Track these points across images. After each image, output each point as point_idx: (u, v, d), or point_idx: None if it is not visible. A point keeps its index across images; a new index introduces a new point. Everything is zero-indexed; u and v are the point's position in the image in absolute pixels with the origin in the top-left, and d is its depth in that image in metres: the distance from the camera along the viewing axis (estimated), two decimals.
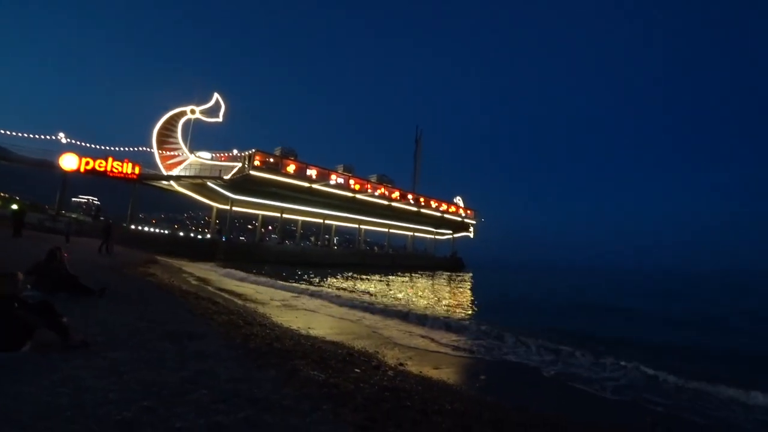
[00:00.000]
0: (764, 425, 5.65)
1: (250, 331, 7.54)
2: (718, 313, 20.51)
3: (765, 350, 11.45)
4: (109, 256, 19.20)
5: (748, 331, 13.73)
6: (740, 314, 18.16)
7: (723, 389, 6.68)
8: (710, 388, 6.77)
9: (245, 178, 38.96)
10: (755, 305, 26.04)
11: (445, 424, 4.27)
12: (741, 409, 6.16)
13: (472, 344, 9.46)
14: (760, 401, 6.26)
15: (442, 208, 63.68)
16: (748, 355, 10.71)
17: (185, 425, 3.27)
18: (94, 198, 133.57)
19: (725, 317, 18.59)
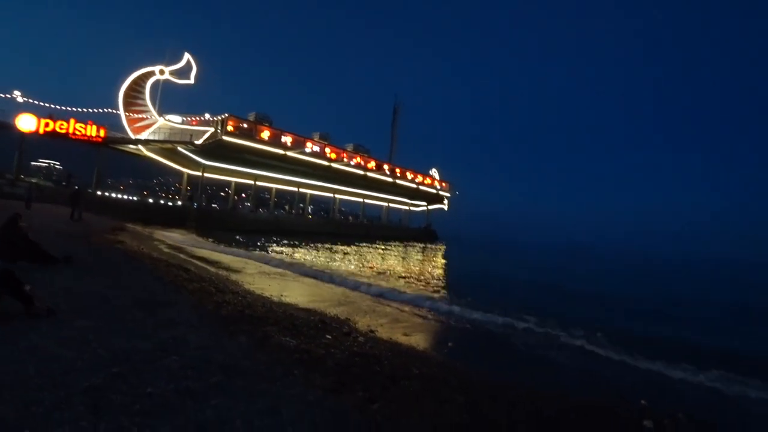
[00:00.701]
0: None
1: (222, 299, 7.54)
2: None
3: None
4: (78, 224, 18.59)
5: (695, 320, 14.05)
6: (700, 304, 18.04)
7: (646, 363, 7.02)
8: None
9: (218, 144, 37.78)
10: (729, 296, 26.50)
11: (413, 388, 4.45)
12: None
13: (441, 314, 9.76)
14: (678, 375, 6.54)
15: (418, 179, 63.84)
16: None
17: (156, 391, 3.30)
18: (56, 162, 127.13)
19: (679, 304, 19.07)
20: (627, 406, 4.91)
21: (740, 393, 6.03)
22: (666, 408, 4.83)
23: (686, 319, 13.12)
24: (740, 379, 6.23)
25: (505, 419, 3.97)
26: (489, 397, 4.57)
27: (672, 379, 6.20)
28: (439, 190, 70.74)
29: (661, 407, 4.83)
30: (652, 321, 11.42)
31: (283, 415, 3.26)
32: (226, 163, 41.64)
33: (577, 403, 4.77)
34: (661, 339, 8.64)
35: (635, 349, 7.29)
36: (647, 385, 5.93)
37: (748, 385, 6.11)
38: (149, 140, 39.78)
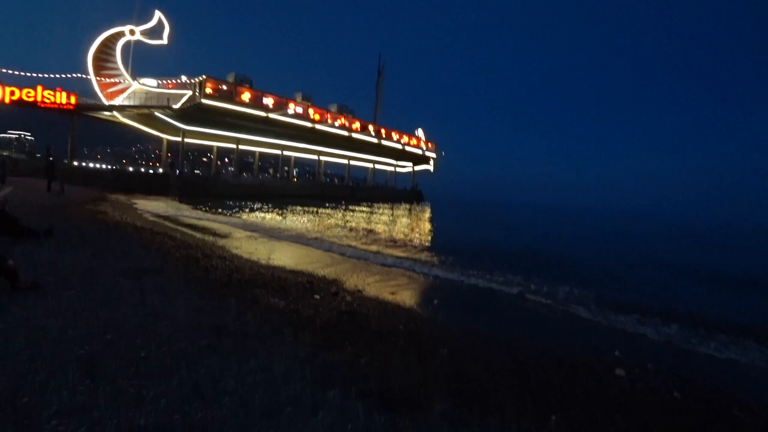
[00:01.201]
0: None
1: (210, 264, 7.60)
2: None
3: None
4: (58, 196, 18.20)
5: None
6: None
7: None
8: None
9: (196, 108, 36.60)
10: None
11: (398, 344, 4.65)
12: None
13: (427, 274, 9.98)
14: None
15: (404, 140, 63.25)
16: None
17: (150, 355, 3.40)
18: (26, 133, 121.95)
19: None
20: (601, 356, 5.19)
21: (704, 346, 6.42)
22: (637, 358, 5.11)
23: (664, 280, 13.66)
24: (705, 334, 6.60)
25: (485, 369, 4.19)
26: (471, 349, 4.79)
27: (644, 335, 6.49)
28: (425, 151, 70.33)
29: (633, 358, 5.12)
30: (634, 282, 11.78)
31: (274, 372, 3.40)
32: (206, 127, 40.52)
33: (554, 354, 5.03)
34: (638, 299, 8.94)
35: (613, 308, 7.61)
36: (621, 339, 6.22)
37: (714, 339, 6.49)
38: (124, 106, 38.26)
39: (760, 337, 6.44)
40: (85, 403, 2.61)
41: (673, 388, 4.14)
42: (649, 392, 4.04)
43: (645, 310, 7.65)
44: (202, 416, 2.62)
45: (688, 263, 16.97)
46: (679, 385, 4.26)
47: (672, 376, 4.52)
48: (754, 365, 5.48)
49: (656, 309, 7.79)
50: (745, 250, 28.73)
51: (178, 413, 2.62)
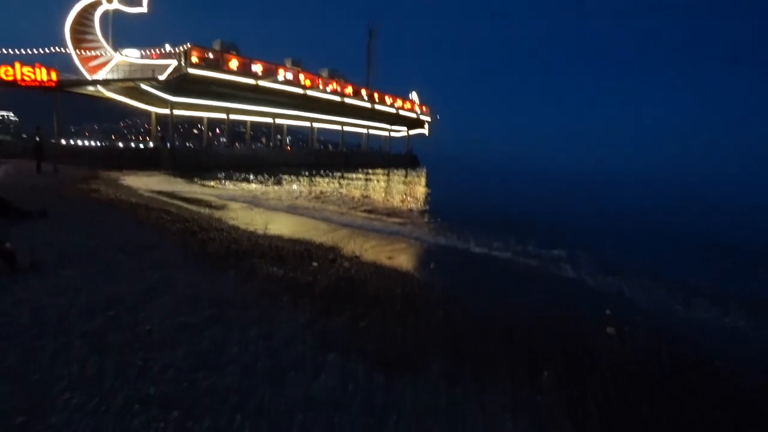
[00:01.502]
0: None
1: (207, 237, 7.66)
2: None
3: None
4: (50, 176, 18.02)
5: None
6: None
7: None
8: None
9: (183, 78, 35.61)
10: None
11: (396, 307, 4.77)
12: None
13: (424, 240, 10.06)
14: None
15: (397, 104, 62.17)
16: None
17: (153, 328, 3.50)
18: (9, 113, 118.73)
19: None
20: (594, 315, 5.33)
21: (694, 308, 6.60)
22: (628, 318, 5.24)
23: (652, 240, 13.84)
24: (694, 297, 6.78)
25: (480, 329, 4.33)
26: (466, 311, 4.93)
27: (635, 296, 6.61)
28: (420, 115, 69.32)
29: (624, 318, 5.24)
30: (628, 246, 11.89)
31: (276, 339, 3.52)
32: (194, 98, 39.57)
33: (547, 314, 5.18)
34: (632, 262, 9.05)
35: (606, 271, 7.73)
36: (613, 300, 6.31)
37: (703, 303, 6.66)
38: (108, 80, 37.10)
39: (745, 301, 6.54)
40: (95, 376, 2.71)
41: (661, 347, 4.30)
42: (638, 350, 4.20)
43: (637, 273, 7.79)
44: (209, 384, 2.74)
45: (686, 228, 17.15)
46: (668, 343, 4.41)
47: (661, 336, 4.66)
48: (739, 327, 5.63)
49: (648, 271, 7.93)
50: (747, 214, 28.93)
51: (185, 382, 2.74)
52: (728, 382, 3.78)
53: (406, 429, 2.50)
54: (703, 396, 3.43)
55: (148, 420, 2.32)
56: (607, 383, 3.38)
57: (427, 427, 2.54)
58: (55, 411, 2.33)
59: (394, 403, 2.75)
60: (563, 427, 2.72)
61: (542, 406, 2.94)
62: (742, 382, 3.82)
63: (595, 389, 3.23)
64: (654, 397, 3.27)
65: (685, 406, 3.18)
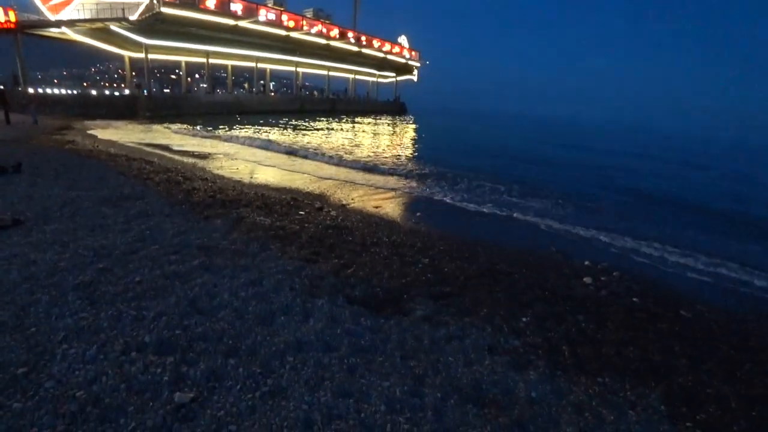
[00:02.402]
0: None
1: (192, 186, 7.58)
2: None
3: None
4: (35, 126, 17.30)
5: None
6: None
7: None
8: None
9: (156, 18, 33.31)
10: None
11: (382, 254, 4.88)
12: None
13: (411, 189, 10.09)
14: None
15: (385, 48, 59.61)
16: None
17: (144, 278, 3.55)
18: None
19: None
20: (571, 264, 5.51)
21: (669, 259, 6.87)
22: (604, 267, 5.42)
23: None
24: (670, 249, 7.04)
25: (464, 275, 4.49)
26: (450, 257, 5.07)
27: (612, 246, 6.83)
28: (409, 60, 66.83)
29: (600, 267, 5.42)
30: (610, 199, 11.99)
31: (265, 285, 3.62)
32: (170, 41, 37.37)
33: (527, 262, 5.35)
34: (611, 215, 9.20)
35: (585, 223, 7.90)
36: (590, 250, 6.54)
37: (679, 255, 6.95)
38: (74, 20, 34.43)
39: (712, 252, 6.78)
40: (90, 326, 2.79)
41: (633, 295, 4.51)
42: (612, 297, 4.40)
43: (616, 225, 7.98)
44: (203, 329, 2.85)
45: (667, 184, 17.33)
46: (639, 292, 4.63)
47: (633, 284, 4.87)
48: (706, 273, 5.89)
49: (626, 224, 8.13)
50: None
51: (179, 328, 2.84)
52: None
53: (391, 368, 2.66)
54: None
55: (145, 366, 2.43)
56: (580, 328, 3.60)
57: (411, 366, 2.71)
58: (55, 361, 2.42)
59: (380, 345, 2.90)
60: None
61: (520, 351, 3.12)
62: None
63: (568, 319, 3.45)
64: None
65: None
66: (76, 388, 2.21)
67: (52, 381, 2.25)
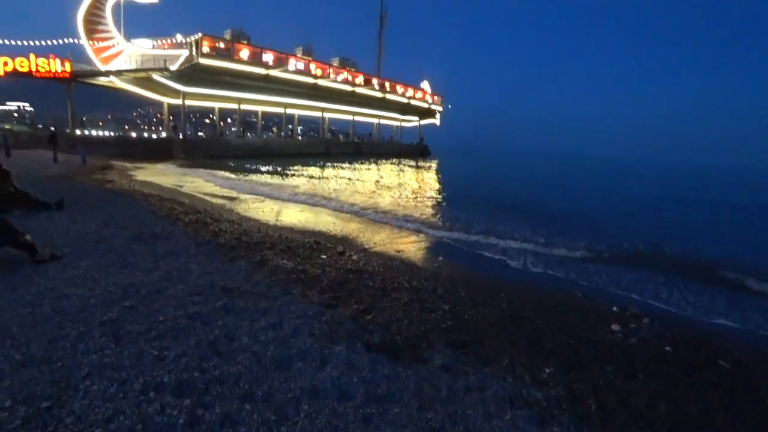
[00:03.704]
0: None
1: (219, 228, 7.80)
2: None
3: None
4: (64, 165, 18.41)
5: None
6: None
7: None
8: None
9: (194, 68, 35.74)
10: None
11: (402, 299, 4.85)
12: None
13: (433, 233, 10.08)
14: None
15: (408, 93, 61.66)
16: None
17: (167, 318, 3.64)
18: (25, 104, 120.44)
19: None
20: (598, 309, 5.35)
21: (701, 301, 6.61)
22: (633, 313, 5.25)
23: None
24: (702, 289, 6.81)
25: (485, 322, 4.40)
26: (471, 303, 4.99)
27: (643, 290, 6.65)
28: (431, 104, 68.72)
29: (629, 312, 5.25)
30: (635, 236, 11.81)
31: (284, 329, 3.64)
32: (206, 88, 39.74)
33: (551, 306, 5.22)
34: (639, 253, 9.03)
35: (613, 263, 7.77)
36: (619, 294, 6.39)
37: (711, 294, 6.71)
38: (121, 70, 37.41)
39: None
40: (113, 364, 2.86)
41: (665, 343, 4.32)
42: (642, 345, 4.22)
43: (645, 265, 7.80)
44: (220, 372, 2.87)
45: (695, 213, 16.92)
46: (671, 339, 4.43)
47: (666, 331, 4.67)
48: (746, 317, 5.64)
49: (655, 263, 7.93)
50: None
51: (197, 370, 2.87)
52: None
53: (408, 419, 2.60)
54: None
55: (162, 407, 2.45)
56: (608, 381, 3.45)
57: (428, 419, 2.64)
58: (77, 397, 2.47)
59: (397, 394, 2.84)
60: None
61: (543, 405, 3.01)
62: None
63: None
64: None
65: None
66: (95, 426, 2.25)
67: (72, 417, 2.30)
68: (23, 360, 2.83)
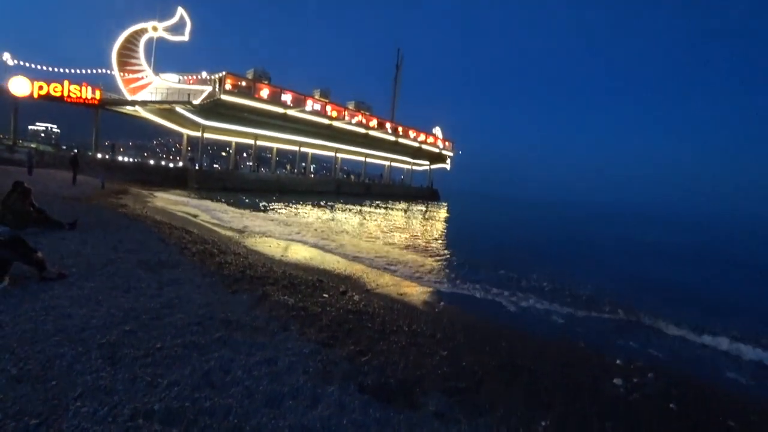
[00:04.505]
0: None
1: (224, 259, 7.88)
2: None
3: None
4: (81, 187, 18.94)
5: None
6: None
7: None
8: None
9: (216, 103, 37.25)
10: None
11: (400, 342, 4.82)
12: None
13: (437, 278, 10.05)
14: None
15: (420, 138, 63.07)
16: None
17: (165, 345, 3.66)
18: (53, 126, 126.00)
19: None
20: (600, 362, 5.26)
21: (709, 344, 6.48)
22: (637, 366, 5.15)
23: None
24: (709, 340, 6.71)
25: (482, 371, 4.33)
26: (468, 349, 4.94)
27: (647, 342, 6.55)
28: (442, 150, 70.04)
29: (632, 365, 5.16)
30: (640, 283, 11.72)
31: (279, 365, 3.63)
32: (225, 123, 41.18)
33: (551, 356, 5.14)
34: (644, 302, 8.97)
35: (621, 312, 7.68)
36: (621, 345, 6.31)
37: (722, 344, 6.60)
38: (146, 101, 39.20)
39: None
40: (106, 387, 2.87)
41: (670, 400, 4.22)
42: (645, 401, 4.12)
43: (654, 316, 7.69)
44: (211, 404, 2.86)
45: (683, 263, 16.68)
46: (677, 396, 4.32)
47: (672, 388, 4.56)
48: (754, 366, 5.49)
49: (665, 315, 7.80)
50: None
51: (188, 400, 2.87)
52: None
53: None
54: None
55: None
56: None
57: None
58: (67, 417, 2.49)
59: None
60: None
61: None
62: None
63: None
64: None
65: None
66: None
67: None
68: (19, 375, 2.87)
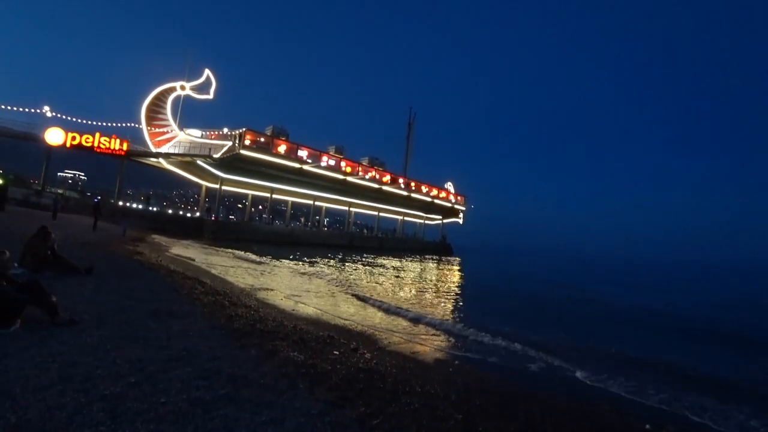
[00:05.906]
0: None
1: (235, 312, 7.78)
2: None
3: None
4: (102, 233, 19.36)
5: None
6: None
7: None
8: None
9: (235, 158, 38.72)
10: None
11: (413, 405, 4.57)
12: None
13: (451, 334, 9.77)
14: None
15: (433, 193, 63.92)
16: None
17: (169, 400, 3.53)
18: (80, 173, 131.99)
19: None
20: (628, 425, 4.92)
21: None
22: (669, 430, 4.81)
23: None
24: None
25: None
26: (485, 412, 4.66)
27: (678, 406, 6.14)
28: (454, 204, 70.63)
29: (667, 429, 4.82)
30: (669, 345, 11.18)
31: (286, 426, 3.44)
32: (243, 176, 42.53)
33: (572, 420, 4.82)
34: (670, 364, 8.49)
35: (641, 374, 7.27)
36: (651, 408, 5.91)
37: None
38: (169, 153, 41.01)
39: None
40: None
41: None
42: None
43: (687, 377, 7.28)
44: None
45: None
46: None
47: None
48: None
49: (697, 374, 7.39)
50: None
51: None
52: None
53: None
54: None
55: None
56: None
57: None
58: None
59: None
60: None
61: None
62: None
63: None
64: None
65: None
66: None
67: None
68: (17, 424, 2.77)
